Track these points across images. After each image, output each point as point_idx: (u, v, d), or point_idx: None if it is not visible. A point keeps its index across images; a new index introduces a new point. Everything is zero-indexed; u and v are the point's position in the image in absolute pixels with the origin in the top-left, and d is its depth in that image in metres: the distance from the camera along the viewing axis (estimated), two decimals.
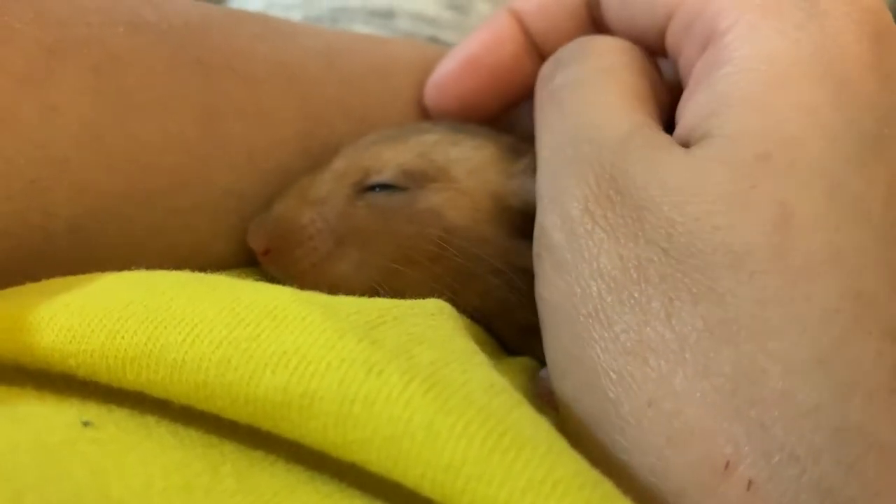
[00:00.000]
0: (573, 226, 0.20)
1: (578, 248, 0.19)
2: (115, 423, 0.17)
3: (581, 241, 0.19)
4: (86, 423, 0.16)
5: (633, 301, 0.18)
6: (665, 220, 0.18)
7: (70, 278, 0.20)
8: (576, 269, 0.19)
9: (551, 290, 0.20)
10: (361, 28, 0.38)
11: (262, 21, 0.28)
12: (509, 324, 0.24)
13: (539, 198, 0.22)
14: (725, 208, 0.18)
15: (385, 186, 0.25)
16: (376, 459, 0.15)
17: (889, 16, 0.20)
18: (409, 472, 0.15)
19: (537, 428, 0.15)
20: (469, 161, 0.25)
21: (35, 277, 0.20)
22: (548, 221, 0.21)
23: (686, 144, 0.20)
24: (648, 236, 0.18)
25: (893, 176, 0.18)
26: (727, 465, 0.16)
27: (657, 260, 0.18)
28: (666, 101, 0.23)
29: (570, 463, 0.15)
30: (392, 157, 0.25)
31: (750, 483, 0.16)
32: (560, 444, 0.15)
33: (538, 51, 0.28)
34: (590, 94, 0.22)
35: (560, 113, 0.23)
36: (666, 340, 0.17)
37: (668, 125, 0.21)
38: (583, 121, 0.22)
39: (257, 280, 0.20)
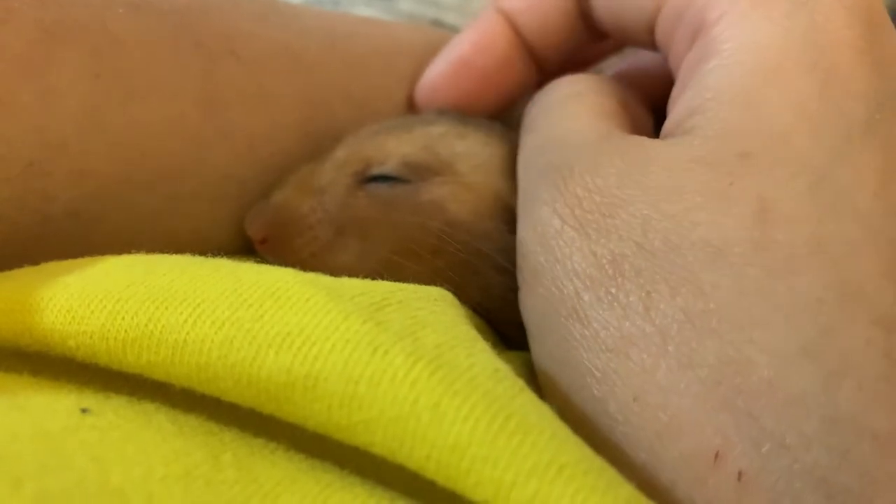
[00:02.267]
0: (543, 229, 0.20)
1: (550, 249, 0.19)
2: (113, 411, 0.16)
3: (552, 241, 0.19)
4: (84, 411, 0.16)
5: (610, 297, 0.18)
6: (640, 216, 0.18)
7: (70, 261, 0.19)
8: (551, 271, 0.19)
9: (532, 297, 0.20)
10: (363, 10, 0.38)
11: (263, 2, 0.28)
12: (509, 319, 0.24)
13: (518, 214, 0.22)
14: (704, 204, 0.18)
15: (387, 178, 0.25)
16: (381, 440, 0.15)
17: (879, 1, 0.20)
18: (415, 452, 0.15)
19: (541, 414, 0.15)
20: (475, 156, 0.25)
21: (34, 263, 0.20)
22: (522, 231, 0.21)
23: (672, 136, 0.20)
24: (621, 232, 0.18)
25: (885, 162, 0.18)
26: (717, 455, 0.16)
27: (631, 254, 0.18)
28: (644, 126, 0.24)
29: (575, 448, 0.15)
30: (395, 148, 0.25)
31: (740, 473, 0.16)
32: (564, 430, 0.15)
33: (529, 50, 0.28)
34: (558, 114, 0.23)
35: (532, 134, 0.23)
36: (647, 334, 0.17)
37: (661, 121, 0.21)
38: (552, 133, 0.22)
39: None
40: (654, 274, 0.18)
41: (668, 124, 0.21)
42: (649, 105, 0.26)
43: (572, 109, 0.23)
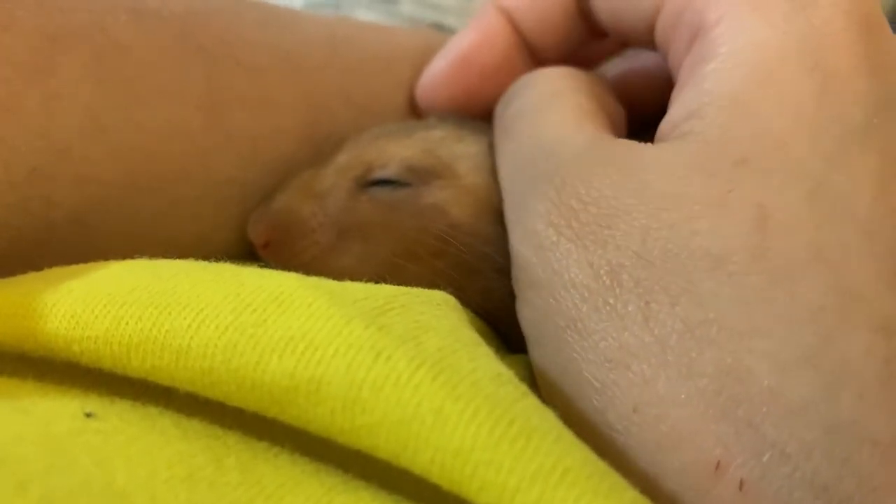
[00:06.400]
0: (539, 240, 0.20)
1: (546, 261, 0.19)
2: (117, 415, 0.16)
3: (548, 254, 0.19)
4: (88, 415, 0.16)
5: (608, 308, 0.18)
6: (639, 226, 0.18)
7: (74, 266, 0.19)
8: (548, 283, 0.19)
9: (530, 309, 0.20)
10: (364, 13, 0.38)
11: (264, 8, 0.28)
12: (511, 322, 0.24)
13: (508, 224, 0.22)
14: (703, 213, 0.18)
15: (388, 181, 0.25)
16: (384, 444, 0.15)
17: (877, 4, 0.20)
18: (418, 456, 0.15)
19: (544, 418, 0.15)
20: (474, 158, 0.25)
21: (37, 268, 0.20)
22: (516, 242, 0.21)
23: (667, 139, 0.20)
24: (619, 242, 0.18)
25: (883, 167, 0.18)
26: (718, 465, 0.16)
27: (630, 264, 0.18)
28: (618, 120, 0.24)
29: (579, 452, 0.15)
30: (396, 152, 0.25)
31: (742, 483, 0.16)
32: (567, 435, 0.15)
33: (529, 48, 0.28)
34: (541, 117, 0.23)
35: (515, 140, 0.23)
36: (646, 344, 0.17)
37: (656, 123, 0.21)
38: (537, 141, 0.22)
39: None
40: (652, 284, 0.17)
41: (664, 125, 0.20)
42: (622, 97, 0.26)
43: (554, 112, 0.23)
